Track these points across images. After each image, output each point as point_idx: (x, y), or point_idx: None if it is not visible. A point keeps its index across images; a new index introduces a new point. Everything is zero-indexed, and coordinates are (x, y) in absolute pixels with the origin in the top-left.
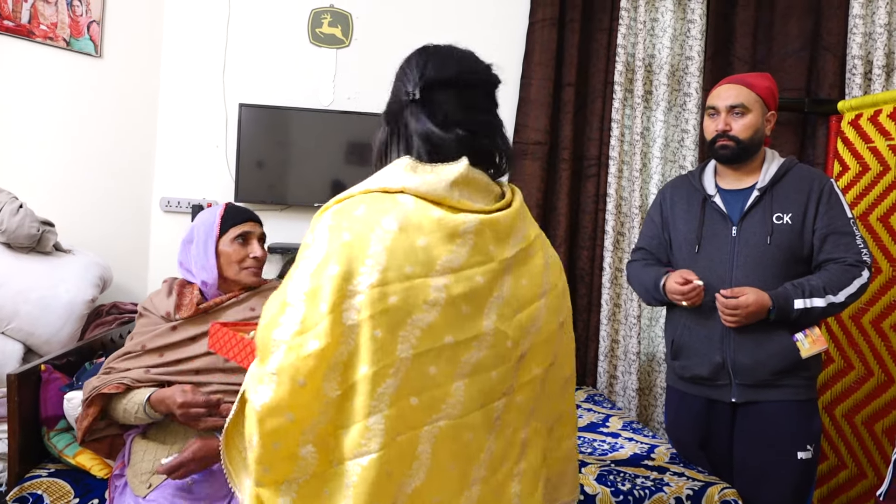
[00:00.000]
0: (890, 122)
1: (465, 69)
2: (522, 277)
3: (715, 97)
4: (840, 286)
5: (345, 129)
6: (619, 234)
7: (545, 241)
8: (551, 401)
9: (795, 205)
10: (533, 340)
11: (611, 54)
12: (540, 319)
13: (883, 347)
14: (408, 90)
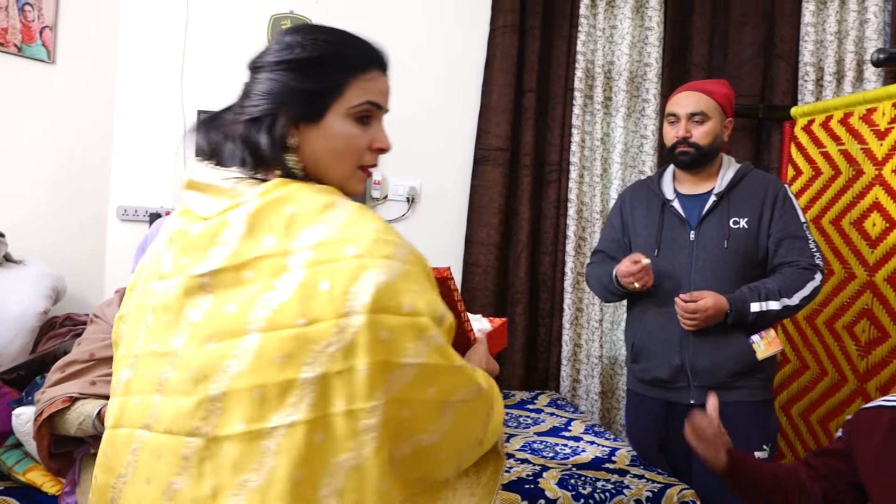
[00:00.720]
0: (840, 127)
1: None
2: (230, 302)
3: (675, 104)
4: (794, 289)
5: None
6: (580, 239)
7: (324, 264)
8: (281, 489)
9: (751, 209)
10: (232, 385)
11: (571, 61)
12: (244, 361)
13: (836, 347)
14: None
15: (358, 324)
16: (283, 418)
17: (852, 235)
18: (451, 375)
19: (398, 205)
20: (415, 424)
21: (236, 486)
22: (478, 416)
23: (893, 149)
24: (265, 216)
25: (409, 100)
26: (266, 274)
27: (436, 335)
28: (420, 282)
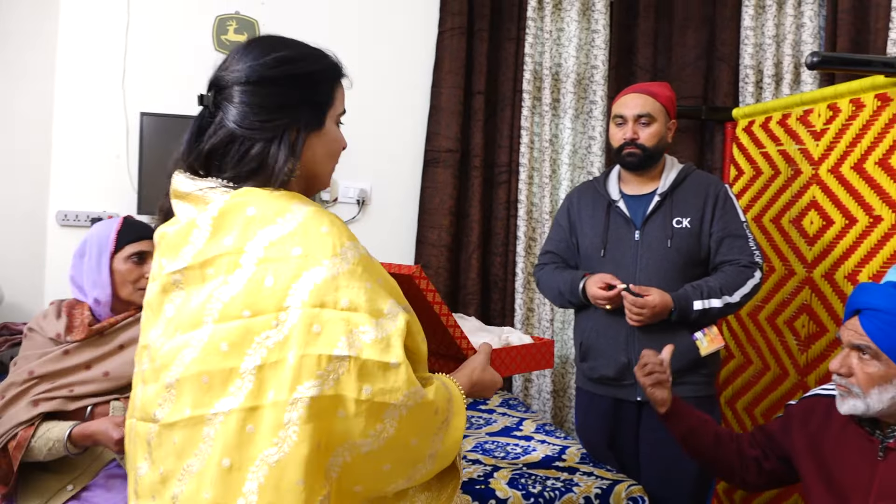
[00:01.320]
0: (779, 128)
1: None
2: (195, 297)
3: (622, 106)
4: (735, 287)
5: None
6: (530, 240)
7: (272, 262)
8: (211, 476)
9: (693, 209)
10: (182, 373)
11: (519, 63)
12: (192, 350)
13: (778, 343)
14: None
15: (294, 317)
16: (222, 405)
17: (791, 233)
18: (386, 373)
19: (348, 207)
20: (351, 427)
21: (180, 472)
22: (426, 426)
23: (829, 149)
24: (228, 218)
25: (358, 102)
26: (224, 270)
27: (371, 331)
28: (364, 280)
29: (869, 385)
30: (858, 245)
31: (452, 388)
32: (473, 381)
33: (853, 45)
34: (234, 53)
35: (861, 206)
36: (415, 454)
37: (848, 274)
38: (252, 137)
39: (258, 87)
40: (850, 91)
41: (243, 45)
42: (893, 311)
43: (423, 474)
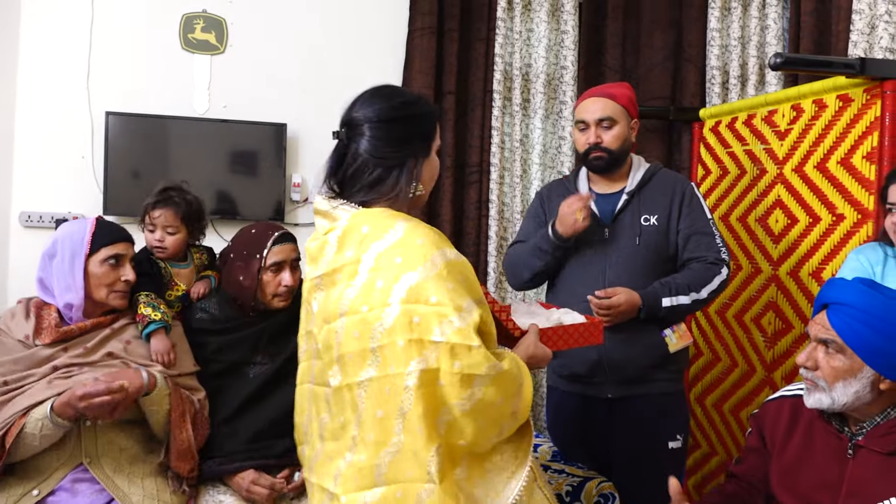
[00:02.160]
0: (745, 128)
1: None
2: (331, 296)
3: (583, 111)
4: (703, 283)
5: (227, 138)
6: (501, 239)
7: (381, 269)
8: (371, 422)
9: (661, 207)
10: (339, 351)
11: (489, 63)
12: (340, 335)
13: (745, 339)
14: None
15: (396, 311)
16: (365, 374)
17: (757, 232)
18: (470, 352)
19: None
20: (448, 393)
21: (354, 421)
22: (507, 390)
23: (793, 149)
24: (349, 236)
25: (328, 102)
26: (347, 277)
27: (456, 321)
28: (449, 282)
29: (834, 378)
30: (822, 243)
31: (518, 359)
32: (530, 355)
33: (816, 46)
34: (362, 98)
35: (824, 204)
36: (500, 412)
37: (812, 271)
38: (382, 164)
39: (387, 125)
40: (812, 92)
41: (369, 91)
42: (860, 306)
43: (509, 429)
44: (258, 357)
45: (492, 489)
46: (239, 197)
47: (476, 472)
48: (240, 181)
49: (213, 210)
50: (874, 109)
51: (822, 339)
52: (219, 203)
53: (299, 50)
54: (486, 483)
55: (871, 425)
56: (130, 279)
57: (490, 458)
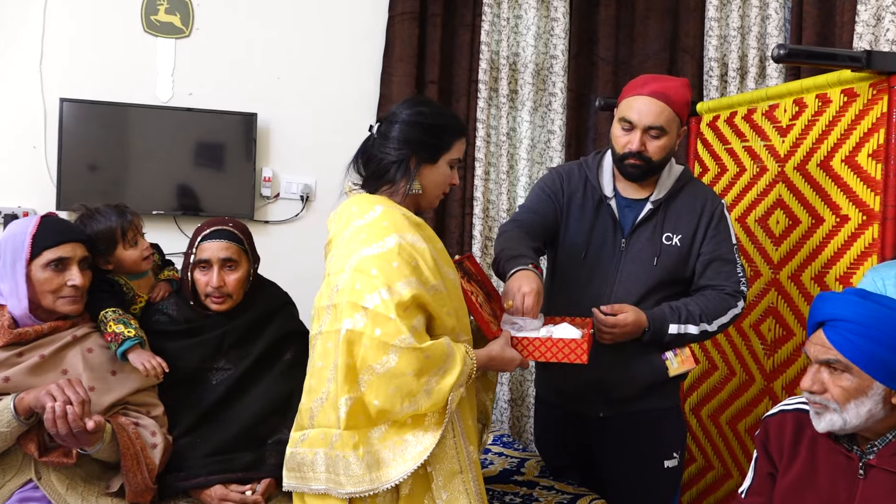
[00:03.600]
0: (744, 123)
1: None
2: (329, 259)
3: (632, 109)
4: (716, 315)
5: (192, 128)
6: (487, 239)
7: (350, 242)
8: (312, 370)
9: (685, 226)
10: (315, 306)
11: (474, 51)
12: (320, 293)
13: (744, 347)
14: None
15: (347, 276)
16: (318, 329)
17: (757, 233)
18: (388, 322)
19: (291, 204)
20: (369, 355)
21: (312, 368)
22: (418, 365)
23: (795, 146)
24: (343, 213)
25: (302, 90)
26: (334, 246)
27: (385, 293)
28: (395, 261)
29: (845, 399)
30: (825, 245)
31: (457, 351)
32: (491, 356)
33: (819, 38)
34: (398, 105)
35: (828, 205)
36: (410, 385)
37: (815, 275)
38: (386, 159)
39: (398, 126)
40: (816, 86)
41: (404, 100)
42: (857, 319)
43: (426, 405)
44: (221, 362)
45: (400, 455)
46: (203, 192)
47: (393, 436)
48: (205, 175)
49: (174, 206)
50: (881, 105)
51: (825, 359)
52: (181, 198)
53: (271, 34)
54: (399, 449)
55: (882, 443)
56: (78, 283)
57: (412, 429)
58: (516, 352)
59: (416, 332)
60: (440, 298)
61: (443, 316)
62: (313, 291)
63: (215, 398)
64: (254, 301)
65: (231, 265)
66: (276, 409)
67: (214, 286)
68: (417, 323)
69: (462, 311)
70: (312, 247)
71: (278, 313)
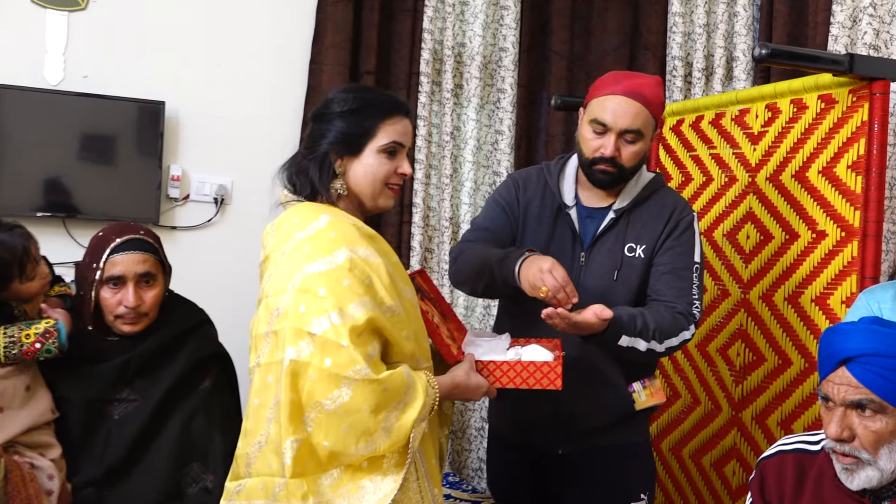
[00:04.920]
0: (712, 129)
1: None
2: (265, 277)
3: (606, 111)
4: (667, 336)
5: (86, 117)
6: (427, 251)
7: (292, 257)
8: (249, 409)
9: (649, 235)
10: (252, 333)
11: (416, 40)
12: (257, 318)
13: (709, 373)
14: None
15: (290, 298)
16: (256, 360)
17: (725, 249)
18: (340, 351)
19: (203, 207)
20: (316, 389)
21: (248, 407)
22: (376, 400)
23: (768, 154)
24: (282, 225)
25: (220, 77)
26: (272, 263)
27: (335, 317)
28: (346, 279)
29: (877, 445)
30: (800, 263)
31: (418, 381)
32: (455, 384)
33: (790, 39)
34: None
35: (803, 219)
36: (366, 423)
37: (788, 296)
38: (305, 159)
39: (313, 121)
40: (791, 90)
41: (338, 87)
42: (889, 352)
43: (384, 446)
44: (124, 392)
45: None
46: (97, 192)
47: (347, 483)
48: (100, 172)
49: (60, 207)
50: (861, 113)
51: (855, 401)
52: (69, 198)
53: (183, 13)
54: (355, 497)
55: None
56: None
57: (370, 474)
58: (482, 378)
59: (371, 362)
60: (398, 321)
61: (401, 341)
62: (229, 307)
63: (122, 439)
64: (164, 320)
65: (148, 280)
66: (196, 449)
67: (131, 305)
68: (373, 350)
69: (421, 333)
70: (228, 257)
71: (193, 334)
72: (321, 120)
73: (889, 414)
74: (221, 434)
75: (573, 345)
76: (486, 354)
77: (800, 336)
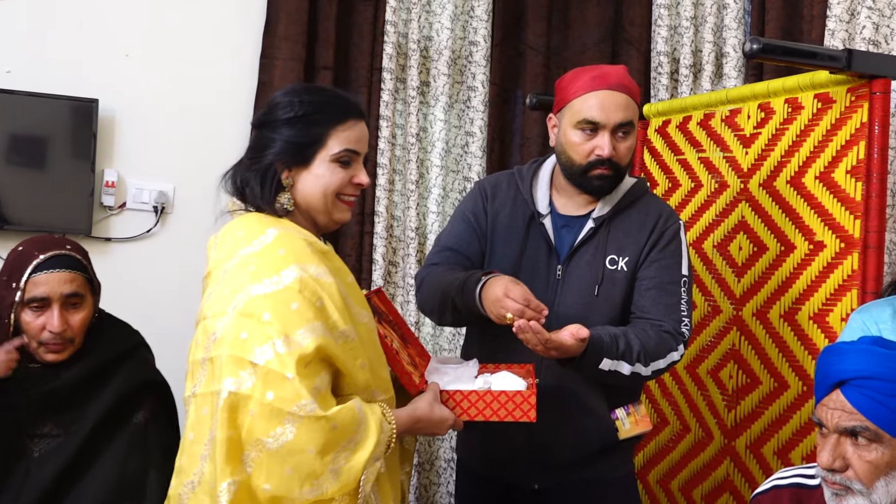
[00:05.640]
0: (700, 130)
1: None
2: (205, 297)
3: (596, 107)
4: (654, 357)
5: (8, 116)
6: (391, 265)
7: (234, 276)
8: (183, 445)
9: (633, 246)
10: (189, 360)
11: (378, 33)
12: (195, 342)
13: (700, 398)
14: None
15: (229, 322)
16: (192, 389)
17: (716, 261)
18: (284, 383)
19: (142, 216)
20: (257, 426)
21: (182, 441)
22: (322, 441)
23: (761, 158)
24: (224, 238)
25: (161, 73)
26: (213, 281)
27: (280, 345)
28: (294, 301)
29: (872, 477)
30: (797, 277)
31: (371, 417)
32: (417, 418)
33: (783, 33)
34: (274, 95)
35: (799, 229)
36: (311, 465)
37: (784, 312)
38: (245, 172)
39: (254, 131)
40: (785, 89)
41: (284, 88)
42: (889, 376)
43: (332, 489)
44: (46, 427)
45: None
46: (19, 200)
47: None
48: (23, 177)
49: None
50: (860, 114)
51: (849, 427)
52: None
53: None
54: None
55: None
56: None
57: None
58: (448, 410)
59: (319, 396)
60: (351, 348)
61: (354, 370)
62: (169, 329)
63: (42, 479)
64: (93, 345)
65: (76, 302)
66: (128, 491)
67: (56, 330)
68: (321, 383)
69: (378, 362)
70: (169, 272)
71: (126, 360)
72: (265, 127)
73: (885, 443)
74: (157, 472)
75: (548, 368)
76: (452, 383)
77: (797, 356)
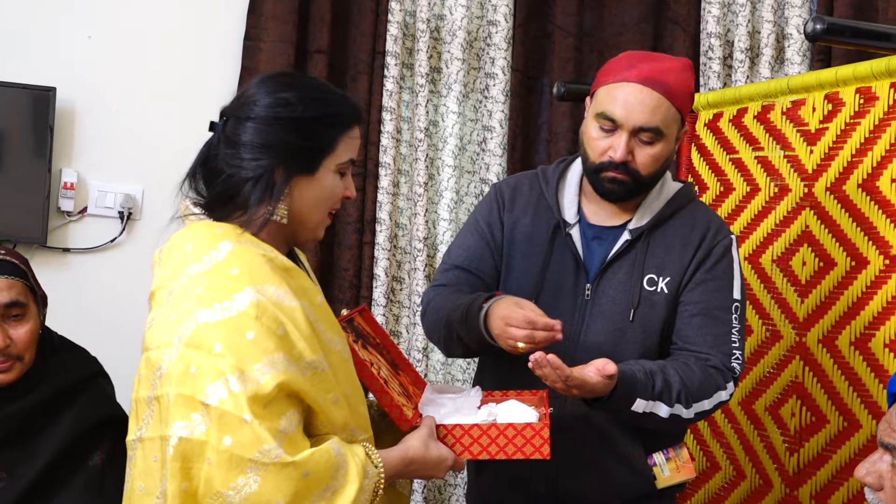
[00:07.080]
0: (757, 125)
1: None
2: (148, 322)
3: (616, 102)
4: (697, 397)
5: None
6: (394, 281)
7: (180, 300)
8: (130, 496)
9: (676, 263)
10: (132, 397)
11: (381, 11)
12: (138, 375)
13: (757, 439)
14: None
15: (174, 355)
16: (138, 432)
17: (776, 278)
18: (241, 426)
19: (106, 223)
20: (216, 476)
21: (131, 491)
22: (293, 490)
23: (828, 158)
24: (170, 253)
25: (128, 59)
26: (156, 304)
27: (234, 382)
28: (251, 330)
29: None
30: (871, 297)
31: (352, 459)
32: (409, 459)
33: (855, 11)
34: (249, 87)
35: (873, 240)
36: None
37: (855, 339)
38: (233, 174)
39: (250, 123)
40: (856, 77)
41: (259, 79)
42: None
43: None
44: None
45: None
46: None
47: None
48: None
49: None
50: None
51: (886, 444)
52: None
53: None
54: None
55: None
56: None
57: None
58: (446, 448)
59: (286, 439)
60: (322, 381)
61: (327, 407)
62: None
63: None
64: (43, 373)
65: (18, 313)
66: None
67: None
68: (288, 423)
69: (357, 396)
70: (134, 287)
71: (82, 391)
72: (266, 121)
73: None
74: None
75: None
76: (451, 416)
77: (870, 391)
